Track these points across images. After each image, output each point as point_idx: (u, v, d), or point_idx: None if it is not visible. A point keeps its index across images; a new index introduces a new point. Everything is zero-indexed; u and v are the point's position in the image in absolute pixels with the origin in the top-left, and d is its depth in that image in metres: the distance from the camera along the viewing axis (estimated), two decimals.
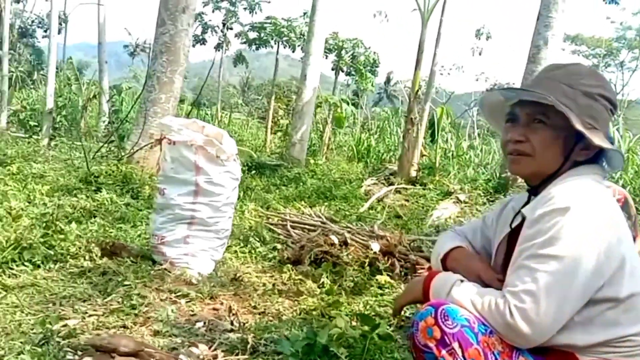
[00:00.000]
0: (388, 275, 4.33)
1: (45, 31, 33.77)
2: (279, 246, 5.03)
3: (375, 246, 4.55)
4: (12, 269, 3.65)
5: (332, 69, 23.64)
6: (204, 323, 3.13)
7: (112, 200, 5.84)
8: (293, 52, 21.50)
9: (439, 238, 2.26)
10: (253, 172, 9.73)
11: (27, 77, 25.05)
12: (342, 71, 23.66)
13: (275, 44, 21.51)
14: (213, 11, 26.03)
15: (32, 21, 36.85)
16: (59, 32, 24.11)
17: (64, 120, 12.02)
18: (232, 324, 3.09)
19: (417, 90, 9.62)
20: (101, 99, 13.89)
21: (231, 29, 26.32)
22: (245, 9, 25.52)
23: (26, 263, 3.76)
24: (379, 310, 3.64)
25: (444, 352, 1.67)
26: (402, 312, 2.16)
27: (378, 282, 4.18)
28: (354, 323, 3.33)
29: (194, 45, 25.45)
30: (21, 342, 2.61)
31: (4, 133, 10.96)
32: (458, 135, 14.97)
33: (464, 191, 8.28)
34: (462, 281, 1.87)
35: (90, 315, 3.07)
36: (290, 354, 2.46)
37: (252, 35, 22.83)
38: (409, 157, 9.37)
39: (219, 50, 26.70)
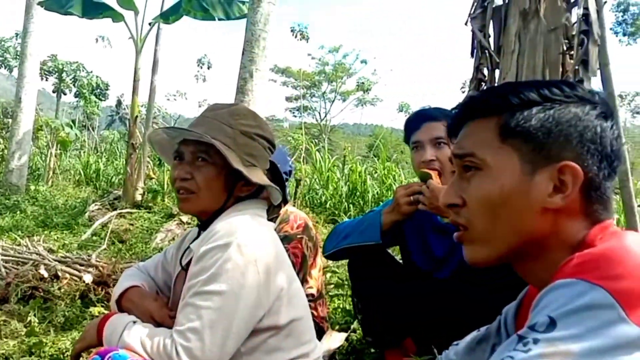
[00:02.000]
0: (102, 306, 4.18)
1: None
2: None
3: (88, 277, 4.37)
4: None
5: (54, 92, 22.49)
6: None
7: None
8: (10, 73, 20.00)
9: (121, 276, 2.23)
10: None
11: None
12: (65, 94, 22.61)
13: None
14: None
15: None
16: None
17: None
18: None
19: (137, 116, 9.49)
20: None
21: None
22: None
23: None
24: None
25: None
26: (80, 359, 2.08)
27: (92, 314, 4.02)
28: None
29: None
30: None
31: None
32: None
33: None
34: (135, 322, 1.85)
35: None
36: None
37: None
38: (133, 181, 9.20)
39: None
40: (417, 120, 2.67)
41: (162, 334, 1.77)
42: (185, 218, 7.91)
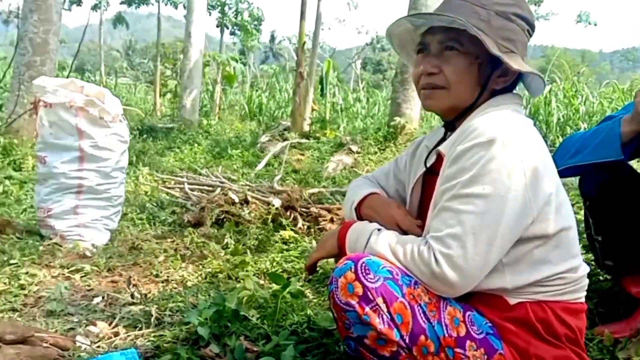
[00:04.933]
0: (292, 230, 4.22)
1: None
2: (177, 210, 4.81)
3: (277, 202, 4.42)
4: None
5: (217, 26, 23.09)
6: (103, 298, 2.91)
7: None
8: (175, 8, 20.76)
9: (350, 186, 2.12)
10: (144, 136, 9.36)
11: None
12: (227, 28, 23.14)
13: (156, 1, 20.62)
14: None
15: None
16: None
17: None
18: (132, 296, 2.88)
19: (304, 43, 9.45)
20: None
21: None
22: None
23: None
24: (286, 266, 3.52)
25: (367, 309, 1.53)
26: (317, 269, 2.01)
27: (282, 237, 4.08)
28: (262, 282, 3.22)
29: (69, 8, 23.98)
30: None
31: None
32: (344, 89, 15.00)
33: (355, 142, 8.28)
34: (379, 230, 1.73)
35: None
36: (198, 323, 2.30)
37: None
38: (301, 111, 9.26)
39: (96, 11, 25.32)
40: None
41: (414, 242, 1.63)
42: (355, 147, 7.86)
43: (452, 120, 1.82)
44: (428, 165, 1.85)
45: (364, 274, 1.55)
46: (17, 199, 4.84)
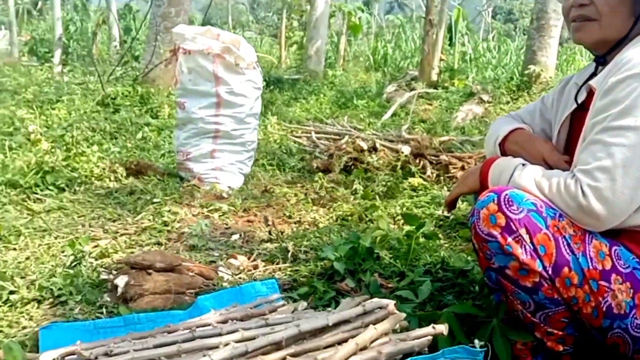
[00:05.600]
0: (420, 177, 4.20)
1: None
2: (306, 157, 4.90)
3: (406, 149, 4.40)
4: (36, 193, 3.55)
5: None
6: (240, 235, 3.04)
7: (131, 120, 5.72)
8: None
9: (493, 123, 2.06)
10: (271, 87, 9.54)
11: (33, 8, 24.52)
12: None
13: None
14: None
15: None
16: None
17: (75, 47, 11.80)
18: (270, 233, 2.99)
19: None
20: (110, 23, 13.54)
21: None
22: None
23: (50, 187, 3.66)
24: (416, 211, 3.51)
25: (510, 239, 1.52)
26: (457, 206, 1.99)
27: (411, 184, 4.06)
28: (392, 227, 3.23)
29: None
30: (52, 265, 2.53)
31: (16, 63, 10.72)
32: (474, 38, 14.54)
33: (486, 91, 8.05)
34: (524, 165, 1.69)
35: (121, 235, 2.98)
36: (334, 258, 2.35)
37: None
38: (430, 60, 9.06)
39: None
40: None
41: (559, 175, 1.59)
42: (485, 97, 7.65)
43: (604, 54, 1.74)
44: (579, 101, 1.77)
45: (507, 206, 1.53)
46: (156, 145, 5.09)
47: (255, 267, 2.57)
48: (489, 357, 1.58)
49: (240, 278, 2.45)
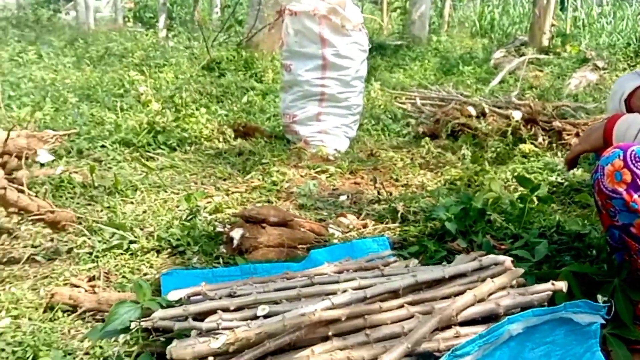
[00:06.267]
0: (532, 143, 4.05)
1: None
2: (411, 122, 4.84)
3: (517, 114, 4.25)
4: (149, 152, 3.71)
5: None
6: (348, 196, 3.05)
7: (236, 84, 5.83)
8: None
9: (618, 80, 1.97)
10: (374, 53, 9.44)
11: None
12: None
13: None
14: None
15: None
16: None
17: (179, 12, 12.10)
18: (378, 193, 2.98)
19: None
20: None
21: None
22: None
23: (162, 146, 3.81)
24: (528, 177, 3.40)
25: (635, 196, 1.46)
26: (577, 165, 1.91)
27: (521, 151, 3.93)
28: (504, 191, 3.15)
29: None
30: (169, 218, 2.63)
31: (122, 29, 11.10)
32: (588, 3, 13.82)
33: (601, 57, 7.66)
34: None
35: (233, 192, 3.07)
36: (446, 218, 2.32)
37: None
38: (541, 25, 8.68)
39: None
40: None
41: None
42: (600, 63, 7.29)
43: None
44: None
45: (634, 162, 1.47)
46: (261, 108, 5.16)
47: (365, 225, 2.58)
48: (611, 314, 1.52)
49: (350, 235, 2.46)
